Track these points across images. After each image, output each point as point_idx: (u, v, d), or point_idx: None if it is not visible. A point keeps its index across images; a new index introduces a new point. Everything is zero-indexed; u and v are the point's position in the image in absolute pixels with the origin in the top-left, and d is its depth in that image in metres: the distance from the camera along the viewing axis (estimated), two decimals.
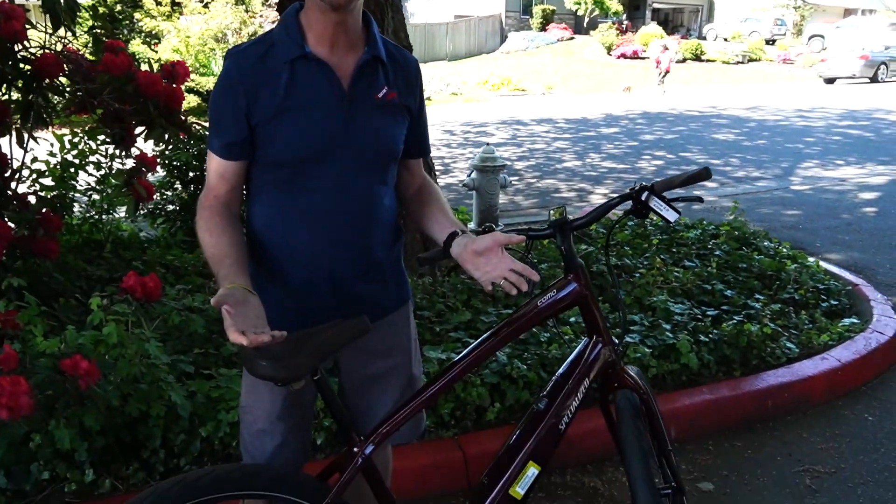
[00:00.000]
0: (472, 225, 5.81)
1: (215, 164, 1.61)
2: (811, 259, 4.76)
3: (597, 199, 7.94)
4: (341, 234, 1.64)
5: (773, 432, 3.09)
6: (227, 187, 1.62)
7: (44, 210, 3.41)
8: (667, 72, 21.52)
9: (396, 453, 2.17)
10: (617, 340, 1.90)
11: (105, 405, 2.29)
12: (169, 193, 5.29)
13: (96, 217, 4.53)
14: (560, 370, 1.86)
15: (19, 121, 3.38)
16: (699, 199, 1.81)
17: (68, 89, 3.32)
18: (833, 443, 2.99)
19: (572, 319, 3.47)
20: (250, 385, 1.70)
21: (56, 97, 3.45)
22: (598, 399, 1.94)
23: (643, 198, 1.76)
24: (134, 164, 3.36)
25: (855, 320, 3.90)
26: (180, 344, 3.09)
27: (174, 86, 3.29)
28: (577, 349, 1.88)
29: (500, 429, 2.84)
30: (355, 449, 1.61)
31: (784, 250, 4.85)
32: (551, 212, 1.83)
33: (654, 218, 1.78)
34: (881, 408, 3.25)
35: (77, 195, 4.14)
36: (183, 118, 3.49)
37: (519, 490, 1.75)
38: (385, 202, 1.71)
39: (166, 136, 3.36)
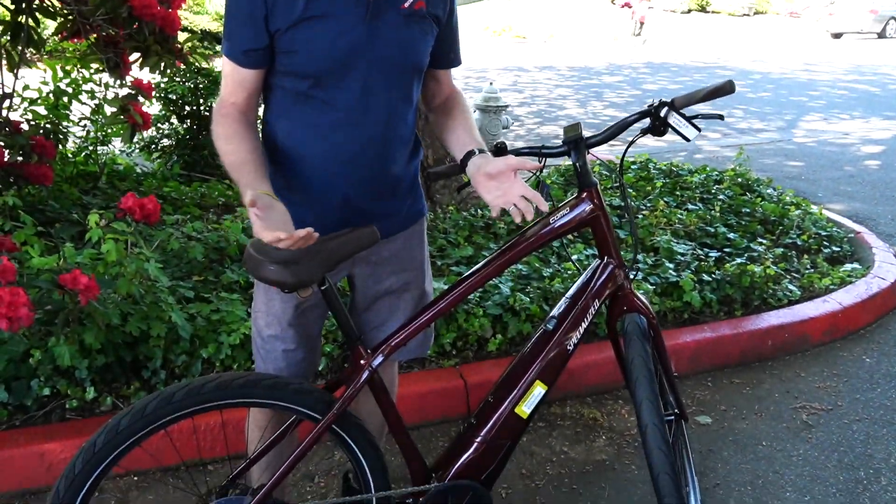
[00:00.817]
0: None
1: (232, 71, 1.53)
2: (814, 207, 4.73)
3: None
4: (359, 152, 1.57)
5: (771, 371, 3.11)
6: (244, 95, 1.55)
7: (37, 136, 3.33)
8: (641, 22, 21.02)
9: (398, 380, 2.16)
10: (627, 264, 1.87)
11: (105, 323, 2.26)
12: (165, 127, 5.19)
13: (91, 149, 4.43)
14: (570, 291, 1.83)
15: (9, 43, 3.27)
16: (720, 117, 1.75)
17: (60, 11, 3.20)
18: (830, 382, 3.00)
19: (575, 257, 3.44)
20: (263, 290, 1.67)
21: (47, 19, 3.33)
22: (606, 321, 1.92)
23: (662, 114, 1.70)
24: (129, 91, 3.26)
25: (857, 266, 3.89)
26: (179, 271, 3.06)
27: (169, 10, 3.18)
28: (587, 271, 1.85)
29: (501, 359, 2.84)
30: (362, 361, 1.59)
31: (787, 198, 4.81)
32: (566, 128, 1.77)
33: (673, 136, 1.72)
34: (879, 350, 3.27)
35: (71, 126, 4.05)
36: (179, 46, 3.37)
37: (525, 409, 1.75)
38: (408, 119, 1.63)
39: (162, 64, 3.25)
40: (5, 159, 3.17)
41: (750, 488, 2.33)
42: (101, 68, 3.41)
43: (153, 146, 5.23)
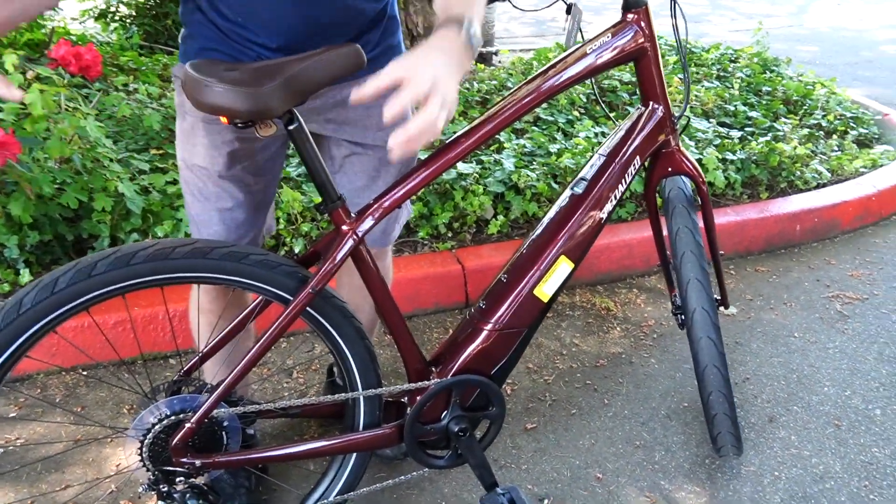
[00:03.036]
0: None
1: None
2: (838, 88, 4.32)
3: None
4: None
5: (799, 258, 2.82)
6: None
7: None
8: None
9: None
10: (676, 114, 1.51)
11: (35, 192, 1.88)
12: None
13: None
14: (604, 146, 1.47)
15: None
16: None
17: None
18: (864, 270, 2.73)
19: (583, 134, 3.06)
20: (187, 131, 1.29)
21: None
22: (645, 184, 1.58)
23: None
24: None
25: (888, 148, 3.55)
26: (135, 143, 2.64)
27: None
28: (625, 121, 1.48)
29: (503, 243, 2.52)
30: (345, 227, 1.23)
31: (809, 77, 4.40)
32: None
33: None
34: None
35: None
36: None
37: (546, 290, 1.42)
38: None
39: None
40: None
41: (783, 382, 2.08)
42: None
43: (110, 15, 4.64)
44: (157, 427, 1.21)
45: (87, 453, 1.74)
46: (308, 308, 1.25)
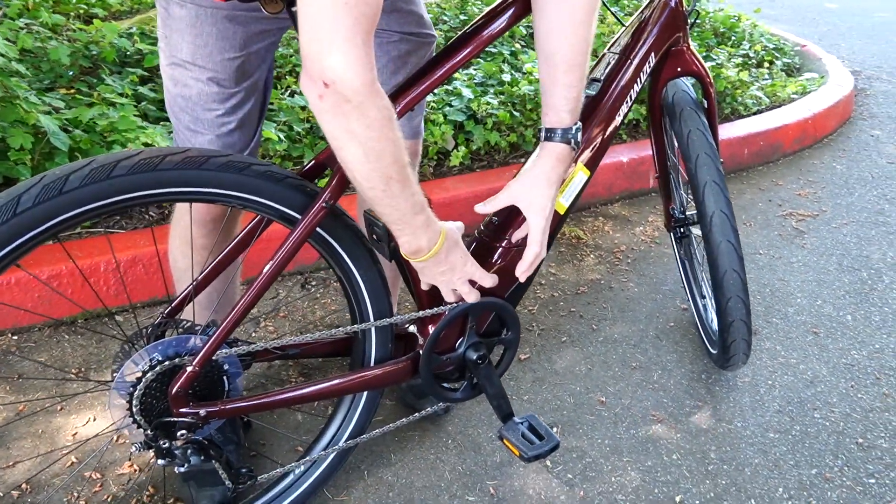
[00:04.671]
0: None
1: None
2: (758, 21, 4.43)
3: None
4: None
5: (748, 180, 2.86)
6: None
7: None
8: None
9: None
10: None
11: None
12: None
13: None
14: (613, 45, 1.37)
15: None
16: None
17: None
18: (809, 189, 2.81)
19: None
20: (188, 21, 1.08)
21: None
22: (650, 84, 1.49)
23: None
24: None
25: (814, 75, 3.67)
26: (39, 82, 2.30)
27: None
28: (636, 18, 1.38)
29: (465, 175, 2.39)
30: None
31: (729, 11, 4.47)
32: None
33: None
34: (846, 157, 3.10)
35: None
36: None
37: (563, 201, 1.32)
38: None
39: None
40: None
41: (759, 297, 2.09)
42: None
43: None
44: (149, 375, 1.02)
45: (35, 424, 1.51)
46: (317, 228, 1.09)
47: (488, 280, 1.18)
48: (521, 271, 1.20)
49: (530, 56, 3.03)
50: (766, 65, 3.77)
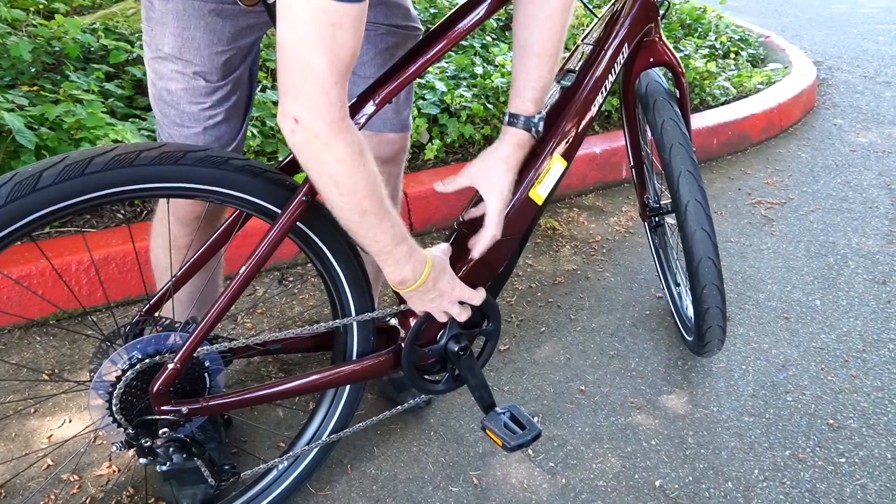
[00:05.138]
0: None
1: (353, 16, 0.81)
2: (723, 12, 4.50)
3: None
4: None
5: (717, 170, 2.91)
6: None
7: None
8: None
9: None
10: None
11: None
12: None
13: None
14: (587, 37, 1.38)
15: None
16: None
17: None
18: (776, 177, 2.86)
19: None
20: (176, 12, 1.06)
21: None
22: (623, 79, 1.51)
23: None
24: None
25: (778, 65, 3.74)
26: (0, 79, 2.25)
27: None
28: (607, 10, 1.39)
29: (440, 168, 2.40)
30: None
31: (693, 2, 4.53)
32: None
33: None
34: (811, 146, 3.17)
35: None
36: None
37: (541, 192, 1.33)
38: None
39: None
40: None
41: (731, 284, 2.13)
42: None
43: None
44: (129, 374, 1.01)
45: (8, 427, 1.48)
46: (297, 222, 1.08)
47: (477, 298, 1.20)
48: (478, 252, 1.21)
49: (501, 48, 3.04)
50: (733, 56, 3.84)
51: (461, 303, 1.20)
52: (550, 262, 2.22)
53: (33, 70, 2.34)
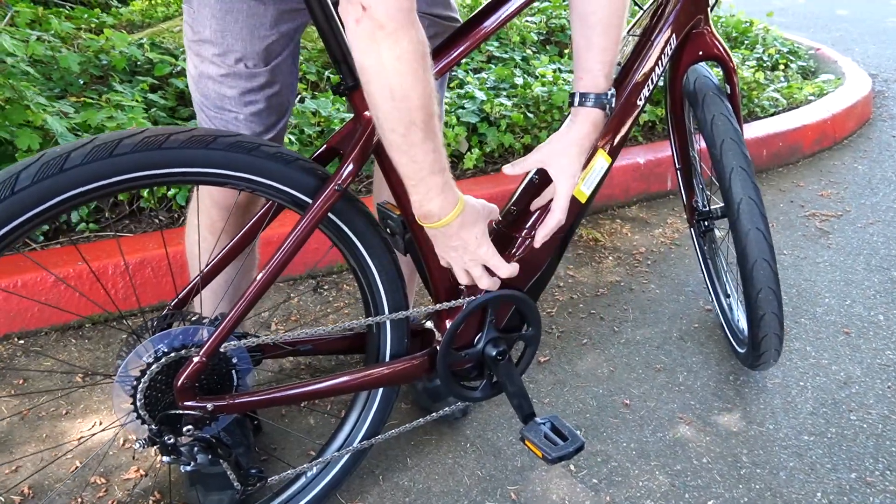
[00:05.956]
0: None
1: None
2: (771, 25, 4.39)
3: None
4: None
5: (768, 182, 2.80)
6: None
7: None
8: None
9: None
10: None
11: None
12: None
13: None
14: (633, 28, 1.32)
15: None
16: None
17: None
18: (831, 189, 2.74)
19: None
20: (226, 2, 1.05)
21: None
22: (670, 73, 1.45)
23: None
24: None
25: (830, 76, 3.61)
26: (49, 90, 2.29)
27: None
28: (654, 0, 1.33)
29: (480, 178, 2.35)
30: (367, 113, 1.03)
31: (741, 16, 4.44)
32: None
33: None
34: (867, 158, 3.03)
35: None
36: None
37: (584, 189, 1.26)
38: None
39: None
40: None
41: (786, 297, 2.02)
42: None
43: None
44: (154, 367, 0.97)
45: (39, 427, 1.46)
46: (329, 213, 1.04)
47: (504, 269, 1.11)
48: (540, 237, 1.15)
49: (542, 61, 2.99)
50: (782, 67, 3.72)
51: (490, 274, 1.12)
52: (592, 273, 2.14)
53: (81, 82, 2.38)
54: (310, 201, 1.01)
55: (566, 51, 3.21)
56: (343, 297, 1.96)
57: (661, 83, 1.41)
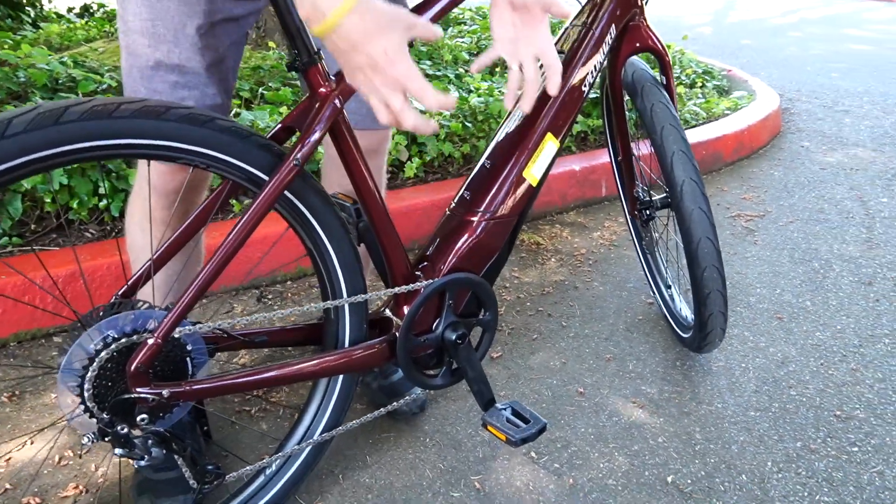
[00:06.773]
0: None
1: None
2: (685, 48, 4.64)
3: None
4: None
5: None
6: None
7: None
8: None
9: None
10: None
11: None
12: None
13: None
14: (575, 18, 1.37)
15: None
16: None
17: None
18: (752, 193, 2.89)
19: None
20: None
21: None
22: (609, 66, 1.50)
23: None
24: None
25: (744, 93, 3.84)
26: None
27: None
28: None
29: (420, 186, 2.36)
30: (323, 89, 1.02)
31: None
32: None
33: None
34: (782, 165, 3.22)
35: None
36: None
37: (535, 172, 1.29)
38: None
39: None
40: None
41: None
42: None
43: None
44: (104, 354, 0.91)
45: None
46: (286, 192, 1.02)
47: (431, 95, 0.84)
48: (555, 85, 1.03)
49: (475, 78, 3.06)
50: (699, 85, 3.93)
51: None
52: (537, 274, 2.17)
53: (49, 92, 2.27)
54: (266, 178, 0.99)
55: (497, 69, 3.29)
56: (288, 306, 1.91)
57: (601, 75, 1.46)
